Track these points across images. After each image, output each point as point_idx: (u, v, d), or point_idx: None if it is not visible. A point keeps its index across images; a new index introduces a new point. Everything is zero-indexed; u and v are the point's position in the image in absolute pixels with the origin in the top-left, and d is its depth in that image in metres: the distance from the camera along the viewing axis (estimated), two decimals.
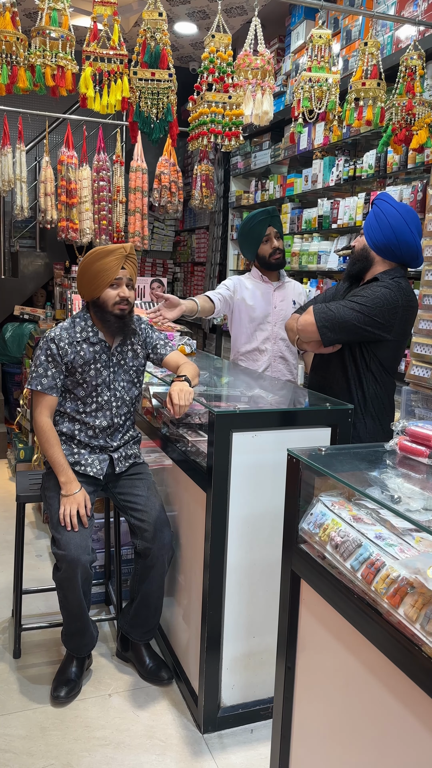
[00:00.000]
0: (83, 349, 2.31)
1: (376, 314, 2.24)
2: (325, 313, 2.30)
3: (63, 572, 2.18)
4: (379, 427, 2.38)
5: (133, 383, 2.45)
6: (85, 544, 2.19)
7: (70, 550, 2.15)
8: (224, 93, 2.39)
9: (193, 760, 2.05)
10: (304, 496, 1.63)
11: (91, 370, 2.32)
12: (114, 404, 2.38)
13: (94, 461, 2.37)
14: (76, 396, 2.34)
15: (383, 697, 1.29)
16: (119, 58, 2.33)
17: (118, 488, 2.43)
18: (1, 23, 2.24)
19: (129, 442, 2.48)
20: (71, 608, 2.25)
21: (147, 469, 2.52)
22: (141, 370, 2.47)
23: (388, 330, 2.27)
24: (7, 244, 6.82)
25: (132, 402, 2.46)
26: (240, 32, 5.43)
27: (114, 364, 2.37)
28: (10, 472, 4.88)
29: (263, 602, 2.17)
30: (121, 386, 2.39)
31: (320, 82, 2.53)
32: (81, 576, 2.18)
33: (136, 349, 2.43)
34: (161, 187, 4.99)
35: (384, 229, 2.31)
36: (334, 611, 1.43)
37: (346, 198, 3.82)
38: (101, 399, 2.35)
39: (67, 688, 2.29)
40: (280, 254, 3.07)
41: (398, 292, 2.27)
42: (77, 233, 5.09)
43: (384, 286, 2.28)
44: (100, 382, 2.34)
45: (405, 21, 2.99)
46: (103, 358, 2.34)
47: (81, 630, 2.31)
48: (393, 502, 1.37)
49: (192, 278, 7.03)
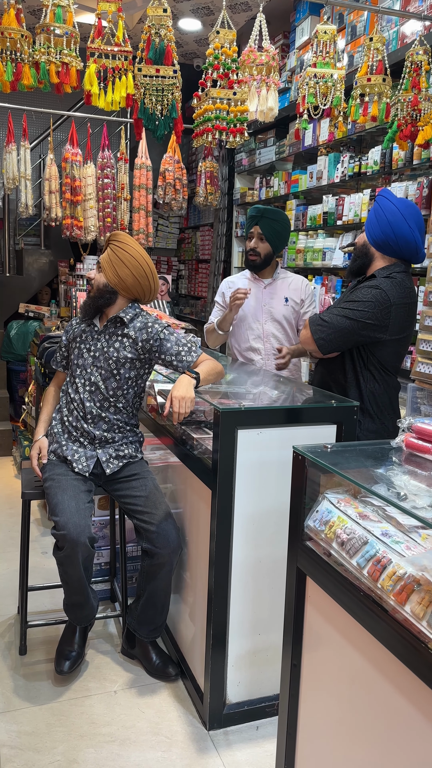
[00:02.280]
0: (79, 326, 2.47)
1: (369, 317, 2.25)
2: (320, 325, 2.31)
3: (63, 551, 2.20)
4: (380, 426, 2.38)
5: (112, 374, 2.37)
6: (83, 523, 2.19)
7: (69, 529, 2.16)
8: (229, 89, 2.38)
9: (199, 756, 2.05)
10: (310, 494, 1.62)
11: (75, 348, 2.44)
12: (88, 388, 2.39)
13: (81, 458, 2.38)
14: (70, 373, 2.48)
15: (389, 694, 1.29)
16: (124, 55, 2.33)
17: (117, 491, 2.42)
18: (6, 20, 2.24)
19: (120, 441, 2.44)
20: (72, 583, 2.27)
21: (146, 467, 2.48)
22: (125, 366, 2.37)
23: (383, 330, 2.27)
24: (12, 242, 6.82)
25: (113, 395, 2.38)
26: (245, 28, 5.41)
27: (96, 348, 2.40)
28: (15, 470, 4.89)
29: (268, 599, 2.17)
30: (98, 373, 2.38)
31: (325, 78, 2.52)
32: (81, 554, 2.19)
33: (125, 342, 2.38)
34: (165, 184, 4.98)
35: (382, 225, 2.31)
36: (340, 608, 1.43)
37: (351, 194, 3.80)
38: (77, 381, 2.42)
39: (69, 662, 2.35)
40: (254, 256, 2.98)
41: (390, 290, 2.26)
42: (82, 231, 5.08)
43: (374, 286, 2.28)
44: (80, 363, 2.41)
45: (410, 16, 2.98)
46: (87, 339, 2.42)
47: (81, 602, 2.33)
48: (399, 499, 1.36)
49: (196, 275, 7.02)
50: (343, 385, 2.39)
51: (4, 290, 6.55)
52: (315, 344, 2.32)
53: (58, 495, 2.26)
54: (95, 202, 5.08)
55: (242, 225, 5.66)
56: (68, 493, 2.26)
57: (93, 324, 2.42)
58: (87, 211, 5.06)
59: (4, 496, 4.28)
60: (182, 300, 7.56)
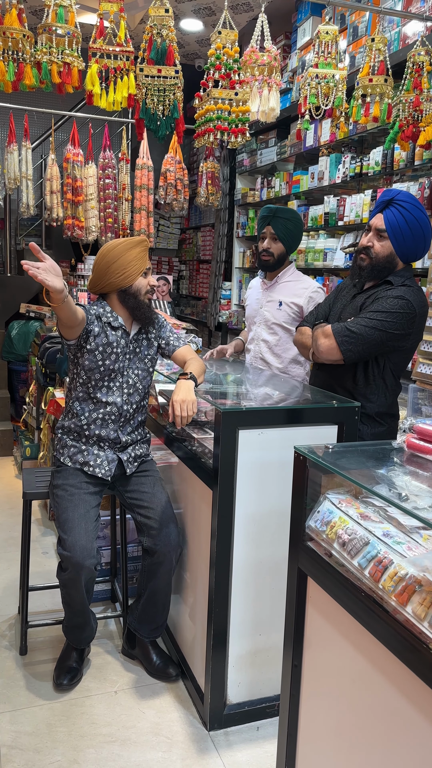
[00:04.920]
0: (107, 330, 2.33)
1: (397, 328, 2.20)
2: (347, 336, 2.22)
3: (67, 573, 2.19)
4: (387, 429, 2.36)
5: (148, 371, 2.45)
6: (90, 546, 2.19)
7: (76, 552, 2.16)
8: (230, 90, 2.38)
9: (199, 757, 2.05)
10: (311, 494, 1.62)
11: (112, 354, 2.33)
12: (126, 391, 2.37)
13: (103, 462, 2.36)
14: (89, 379, 2.33)
15: (390, 694, 1.29)
16: (125, 55, 2.33)
17: (125, 486, 2.43)
18: (8, 20, 2.24)
19: (138, 441, 2.47)
20: (74, 605, 2.27)
21: (154, 465, 2.52)
22: (154, 360, 2.48)
23: (406, 339, 2.25)
24: (13, 242, 6.83)
25: (144, 391, 2.45)
26: (246, 29, 5.41)
27: (130, 351, 2.38)
28: (16, 470, 4.90)
29: (269, 600, 2.16)
30: (135, 374, 2.39)
31: (327, 78, 2.52)
32: (85, 577, 2.20)
33: (150, 338, 2.44)
34: (167, 184, 4.99)
35: (417, 238, 2.24)
36: (341, 609, 1.43)
37: (353, 195, 3.80)
38: (113, 385, 2.35)
39: (69, 675, 2.34)
40: (268, 256, 2.94)
41: (414, 299, 2.22)
42: (83, 231, 5.09)
43: (400, 297, 2.21)
44: (117, 368, 2.34)
45: (412, 17, 2.98)
46: (121, 344, 2.35)
47: (82, 625, 2.34)
48: (400, 499, 1.36)
49: (197, 276, 7.02)
50: (351, 390, 2.34)
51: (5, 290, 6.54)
52: (341, 355, 2.24)
53: (69, 511, 2.25)
54: (96, 202, 5.08)
55: (243, 225, 5.66)
56: (79, 511, 2.25)
57: (122, 327, 2.36)
58: (88, 211, 5.07)
59: (5, 496, 4.28)
60: (183, 300, 7.57)
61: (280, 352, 2.97)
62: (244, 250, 5.75)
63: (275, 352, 2.98)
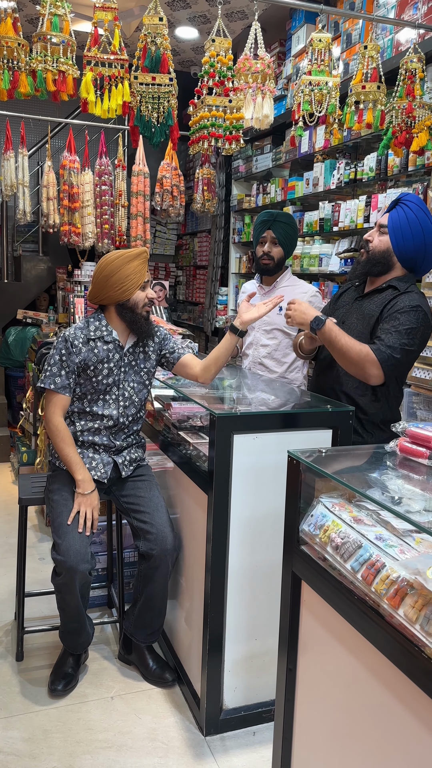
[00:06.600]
0: (97, 346, 2.32)
1: (421, 344, 2.22)
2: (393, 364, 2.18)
3: (62, 578, 2.19)
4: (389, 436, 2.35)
5: (144, 385, 2.45)
6: (84, 551, 2.19)
7: (70, 557, 2.16)
8: (225, 97, 2.40)
9: (196, 762, 2.05)
10: (305, 498, 1.63)
11: (104, 369, 2.33)
12: (122, 403, 2.38)
13: (98, 464, 2.37)
14: (85, 394, 2.34)
15: (384, 698, 1.29)
16: (120, 63, 2.35)
17: (121, 490, 2.43)
18: (3, 29, 2.25)
19: (134, 445, 2.48)
20: (69, 610, 2.27)
21: (150, 470, 2.53)
22: (152, 372, 2.47)
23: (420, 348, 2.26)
24: (10, 249, 6.85)
25: (141, 404, 2.46)
26: (241, 36, 5.45)
27: (125, 364, 2.38)
28: (12, 476, 4.89)
29: (265, 604, 2.17)
30: (131, 386, 2.40)
31: (320, 85, 2.53)
32: (79, 582, 2.19)
33: (147, 351, 2.44)
34: (163, 190, 5.01)
35: (416, 241, 2.24)
36: (335, 613, 1.43)
37: (347, 201, 3.82)
38: (109, 398, 2.36)
39: (64, 681, 2.33)
40: (268, 260, 2.95)
41: (426, 308, 2.22)
42: (79, 237, 5.10)
43: (414, 308, 2.19)
44: (111, 381, 2.35)
45: (405, 24, 3.00)
46: (115, 358, 2.35)
47: (77, 629, 2.34)
48: (393, 503, 1.37)
49: (194, 282, 7.04)
50: (353, 398, 2.33)
51: (2, 296, 6.56)
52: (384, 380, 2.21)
53: (63, 515, 2.25)
54: (93, 208, 5.10)
55: (239, 231, 5.68)
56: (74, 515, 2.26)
57: (115, 341, 2.36)
58: (85, 217, 5.09)
59: (2, 503, 4.28)
60: (180, 306, 7.58)
61: (279, 357, 2.98)
62: (240, 255, 5.77)
63: (275, 356, 2.99)
